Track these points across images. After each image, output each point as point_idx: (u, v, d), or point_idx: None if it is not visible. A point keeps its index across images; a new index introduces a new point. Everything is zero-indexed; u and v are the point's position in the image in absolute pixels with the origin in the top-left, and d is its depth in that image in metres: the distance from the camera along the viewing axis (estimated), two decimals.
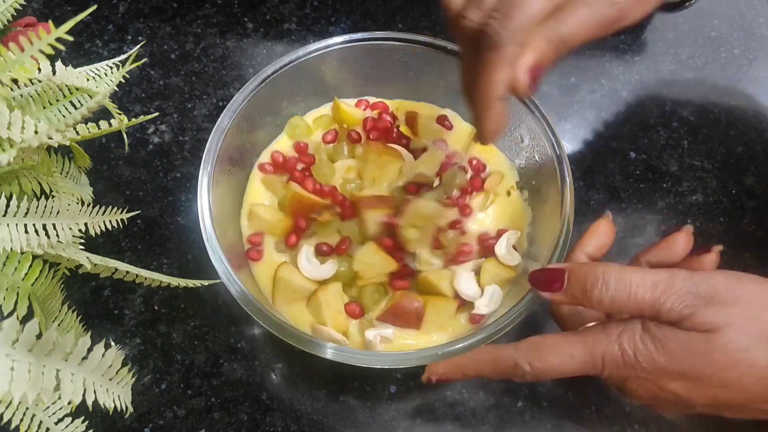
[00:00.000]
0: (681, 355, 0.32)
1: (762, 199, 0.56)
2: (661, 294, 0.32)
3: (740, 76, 0.63)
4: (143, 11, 0.63)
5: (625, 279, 0.33)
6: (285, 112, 0.50)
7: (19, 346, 0.25)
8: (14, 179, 0.33)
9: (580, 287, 0.34)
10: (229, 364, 0.47)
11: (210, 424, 0.45)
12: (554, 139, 0.45)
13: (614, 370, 0.34)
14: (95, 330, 0.32)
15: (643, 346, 0.33)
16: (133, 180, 0.54)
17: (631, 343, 0.33)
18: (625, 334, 0.33)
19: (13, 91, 0.35)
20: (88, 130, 0.31)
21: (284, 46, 0.62)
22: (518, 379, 0.36)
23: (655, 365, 0.32)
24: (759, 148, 0.59)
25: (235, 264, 0.41)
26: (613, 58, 0.63)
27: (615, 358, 0.33)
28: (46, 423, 0.31)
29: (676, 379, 0.32)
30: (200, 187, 0.42)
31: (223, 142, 0.44)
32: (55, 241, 0.30)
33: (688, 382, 0.32)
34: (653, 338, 0.32)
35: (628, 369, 0.33)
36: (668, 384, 0.33)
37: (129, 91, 0.59)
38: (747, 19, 0.66)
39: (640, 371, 0.33)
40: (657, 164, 0.57)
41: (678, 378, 0.32)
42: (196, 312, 0.49)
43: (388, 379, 0.47)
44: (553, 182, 0.44)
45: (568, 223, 0.42)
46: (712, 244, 0.39)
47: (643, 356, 0.33)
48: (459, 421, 0.46)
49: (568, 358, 0.34)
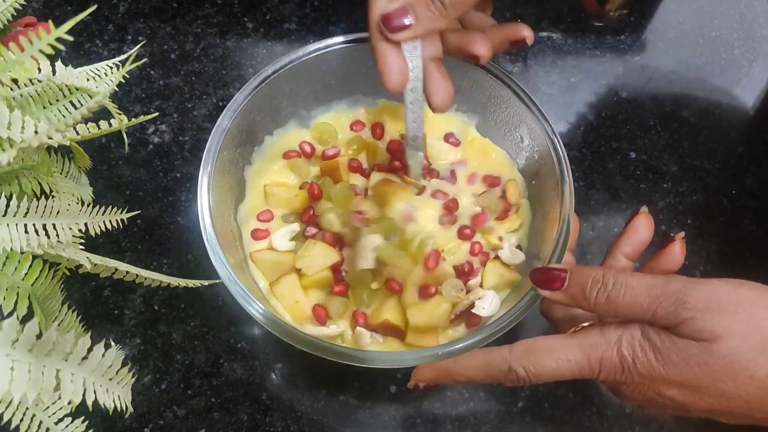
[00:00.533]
0: (680, 365, 0.31)
1: (762, 199, 0.56)
2: (657, 297, 0.32)
3: (740, 76, 0.63)
4: (143, 11, 0.63)
5: (623, 281, 0.33)
6: (285, 112, 0.50)
7: (19, 346, 0.24)
8: (14, 179, 0.33)
9: (580, 288, 0.34)
10: (229, 364, 0.47)
11: (210, 424, 0.45)
12: (554, 139, 0.45)
13: (611, 375, 0.33)
14: (95, 330, 0.32)
15: (642, 353, 0.32)
16: (133, 180, 0.54)
17: (630, 349, 0.33)
18: (623, 339, 0.33)
19: (13, 91, 0.35)
20: (88, 130, 0.31)
21: (284, 46, 0.62)
22: (511, 383, 0.35)
23: (654, 373, 0.32)
24: (759, 148, 0.59)
25: (235, 263, 0.41)
26: (613, 58, 0.63)
27: (613, 364, 0.33)
28: (46, 423, 0.31)
29: (674, 387, 0.32)
30: (200, 187, 0.42)
31: (223, 142, 0.44)
32: (55, 241, 0.30)
33: (686, 390, 0.32)
34: (652, 346, 0.32)
35: (625, 374, 0.33)
36: (666, 391, 0.32)
37: (129, 91, 0.59)
38: (747, 19, 0.66)
39: (637, 377, 0.33)
40: (657, 164, 0.57)
41: (676, 386, 0.32)
42: (196, 312, 0.49)
43: (388, 379, 0.47)
44: (553, 182, 0.44)
45: (568, 223, 0.42)
46: (679, 231, 0.40)
47: (641, 363, 0.32)
48: (459, 422, 0.46)
49: (564, 362, 0.34)
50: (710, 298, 0.31)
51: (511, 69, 0.62)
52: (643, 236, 0.40)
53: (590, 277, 0.34)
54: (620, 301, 0.33)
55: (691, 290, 0.31)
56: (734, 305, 0.31)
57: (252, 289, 0.40)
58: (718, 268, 0.53)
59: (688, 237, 0.53)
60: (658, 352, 0.32)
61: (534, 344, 0.35)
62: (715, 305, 0.31)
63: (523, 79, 0.60)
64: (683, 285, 0.32)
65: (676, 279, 0.33)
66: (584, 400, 0.47)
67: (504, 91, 0.47)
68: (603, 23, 0.64)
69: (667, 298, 0.32)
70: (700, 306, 0.31)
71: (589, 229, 0.54)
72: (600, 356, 0.33)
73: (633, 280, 0.33)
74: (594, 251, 0.53)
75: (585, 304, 0.35)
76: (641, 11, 0.66)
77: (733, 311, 0.31)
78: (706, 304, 0.31)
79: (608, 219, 0.55)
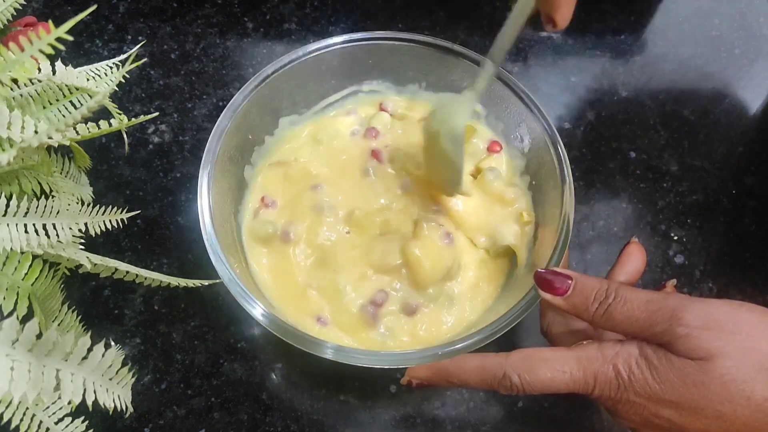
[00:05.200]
0: (676, 384, 0.31)
1: (762, 199, 0.56)
2: (654, 312, 0.32)
3: (741, 75, 0.63)
4: (143, 11, 0.63)
5: (623, 295, 0.33)
6: (285, 112, 0.50)
7: (19, 346, 0.24)
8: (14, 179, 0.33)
9: (583, 298, 0.34)
10: (229, 364, 0.47)
11: (210, 424, 0.45)
12: (554, 139, 0.45)
13: (606, 390, 0.33)
14: (95, 330, 0.32)
15: (638, 370, 0.32)
16: (133, 180, 0.54)
17: (626, 366, 0.32)
18: (620, 356, 0.33)
19: (13, 91, 0.35)
20: (88, 130, 0.31)
21: (284, 46, 0.62)
22: (505, 390, 0.35)
23: (649, 391, 0.32)
24: (759, 148, 0.59)
25: (235, 263, 0.41)
26: (613, 58, 0.63)
27: (608, 380, 0.33)
28: (46, 423, 0.31)
29: (670, 407, 0.31)
30: (200, 187, 0.42)
31: (223, 142, 0.44)
32: (55, 241, 0.30)
33: (682, 410, 0.31)
34: (649, 364, 0.32)
35: (620, 392, 0.33)
36: (661, 410, 0.32)
37: (129, 91, 0.59)
38: (747, 19, 0.66)
39: (632, 395, 0.32)
40: (657, 164, 0.57)
41: (672, 406, 0.31)
42: (196, 312, 0.49)
43: (388, 379, 0.47)
44: (553, 182, 0.44)
45: (568, 223, 0.42)
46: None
47: (637, 380, 0.32)
48: (459, 421, 0.46)
49: (559, 374, 0.33)
50: (707, 317, 0.31)
51: (511, 69, 0.62)
52: (637, 264, 0.39)
53: (594, 289, 0.34)
54: (617, 314, 0.33)
55: (689, 307, 0.31)
56: (732, 325, 0.31)
57: (252, 288, 0.40)
58: (718, 268, 0.53)
59: (688, 237, 0.54)
60: (655, 370, 0.31)
61: (531, 353, 0.35)
62: (712, 324, 0.31)
63: (523, 78, 0.60)
64: (681, 302, 0.32)
65: (675, 296, 0.32)
66: (584, 400, 0.46)
67: (504, 91, 0.47)
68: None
69: (663, 313, 0.31)
70: (696, 323, 0.31)
71: (589, 228, 0.54)
72: (596, 371, 0.33)
73: (632, 294, 0.33)
74: (594, 251, 0.53)
75: (584, 314, 0.34)
76: (641, 11, 0.66)
77: (730, 331, 0.30)
78: (703, 322, 0.31)
79: (608, 219, 0.55)
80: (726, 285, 0.52)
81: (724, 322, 0.31)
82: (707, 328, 0.31)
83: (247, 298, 0.39)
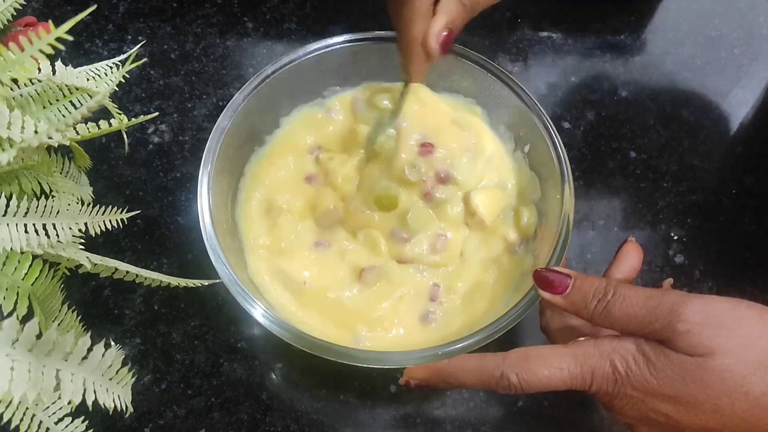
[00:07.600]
0: (674, 379, 0.31)
1: (762, 199, 0.56)
2: (654, 308, 0.32)
3: (740, 75, 0.63)
4: (143, 11, 0.63)
5: (622, 292, 0.33)
6: (285, 112, 0.50)
7: (19, 346, 0.24)
8: (14, 179, 0.33)
9: (582, 296, 0.34)
10: (229, 364, 0.47)
11: (210, 424, 0.45)
12: (554, 139, 0.45)
13: (603, 386, 0.33)
14: (95, 330, 0.32)
15: (635, 366, 0.32)
16: (133, 180, 0.54)
17: (623, 361, 0.32)
18: (617, 351, 0.33)
19: (13, 91, 0.35)
20: (88, 129, 0.31)
21: (284, 46, 0.62)
22: (502, 390, 0.35)
23: (647, 386, 0.32)
24: (759, 148, 0.59)
25: (235, 263, 0.41)
26: (613, 58, 0.63)
27: (605, 375, 0.33)
28: (46, 423, 0.31)
29: (667, 401, 0.32)
30: (200, 187, 0.42)
31: (223, 142, 0.44)
32: (55, 241, 0.30)
33: (679, 405, 0.31)
34: (646, 359, 0.32)
35: (617, 386, 0.33)
36: (658, 405, 0.32)
37: (129, 91, 0.59)
38: (747, 19, 0.66)
39: (630, 390, 0.32)
40: (657, 164, 0.57)
41: (669, 401, 0.31)
42: (196, 312, 0.49)
43: (388, 379, 0.47)
44: (553, 182, 0.44)
45: (568, 223, 0.42)
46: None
47: (634, 375, 0.32)
48: (459, 421, 0.46)
49: (557, 371, 0.33)
50: (707, 313, 0.31)
51: (511, 69, 0.62)
52: (633, 262, 0.40)
53: (593, 287, 0.34)
54: (616, 311, 0.33)
55: (688, 303, 0.31)
56: (731, 321, 0.31)
57: (252, 288, 0.40)
58: (718, 268, 0.53)
59: (688, 237, 0.54)
60: (652, 365, 0.31)
61: (528, 352, 0.35)
62: (711, 320, 0.31)
63: (523, 79, 0.60)
64: (680, 298, 0.32)
65: (674, 292, 0.32)
66: (584, 400, 0.47)
67: (504, 91, 0.47)
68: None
69: (662, 309, 0.31)
70: (696, 320, 0.31)
71: (589, 228, 0.54)
72: (593, 366, 0.33)
73: (631, 291, 0.33)
74: (594, 251, 0.53)
75: (584, 312, 0.35)
76: (641, 11, 0.66)
77: (730, 327, 0.30)
78: (703, 318, 0.31)
79: (608, 219, 0.55)
80: (726, 285, 0.52)
81: (723, 318, 0.31)
82: (707, 324, 0.31)
83: (247, 298, 0.39)
